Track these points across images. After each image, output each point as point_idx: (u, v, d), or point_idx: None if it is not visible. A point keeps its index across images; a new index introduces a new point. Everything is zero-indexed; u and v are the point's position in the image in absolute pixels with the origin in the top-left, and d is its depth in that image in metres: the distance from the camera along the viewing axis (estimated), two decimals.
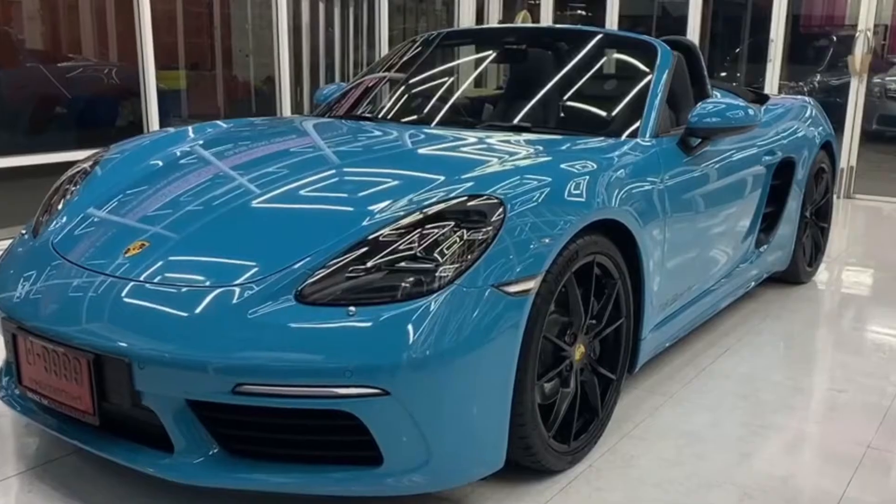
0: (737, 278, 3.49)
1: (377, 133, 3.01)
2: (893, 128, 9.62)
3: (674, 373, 3.01)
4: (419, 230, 2.00)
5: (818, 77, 9.97)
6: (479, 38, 4.09)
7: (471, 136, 2.83)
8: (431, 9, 9.08)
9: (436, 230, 1.99)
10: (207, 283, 1.97)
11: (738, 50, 10.74)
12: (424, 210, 2.06)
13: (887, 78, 9.77)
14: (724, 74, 10.10)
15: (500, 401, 1.97)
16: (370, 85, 3.64)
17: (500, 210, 2.04)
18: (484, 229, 1.99)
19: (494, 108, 3.49)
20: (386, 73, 3.73)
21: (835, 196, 4.89)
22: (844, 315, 3.95)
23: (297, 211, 2.30)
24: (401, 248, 1.96)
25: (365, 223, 2.07)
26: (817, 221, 4.34)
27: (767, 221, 3.74)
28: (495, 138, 2.77)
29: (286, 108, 6.51)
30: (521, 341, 1.98)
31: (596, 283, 2.32)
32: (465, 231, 1.98)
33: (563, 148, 2.66)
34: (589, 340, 2.35)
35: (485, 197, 2.08)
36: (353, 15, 7.90)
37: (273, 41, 6.56)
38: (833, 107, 4.51)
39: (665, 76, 3.03)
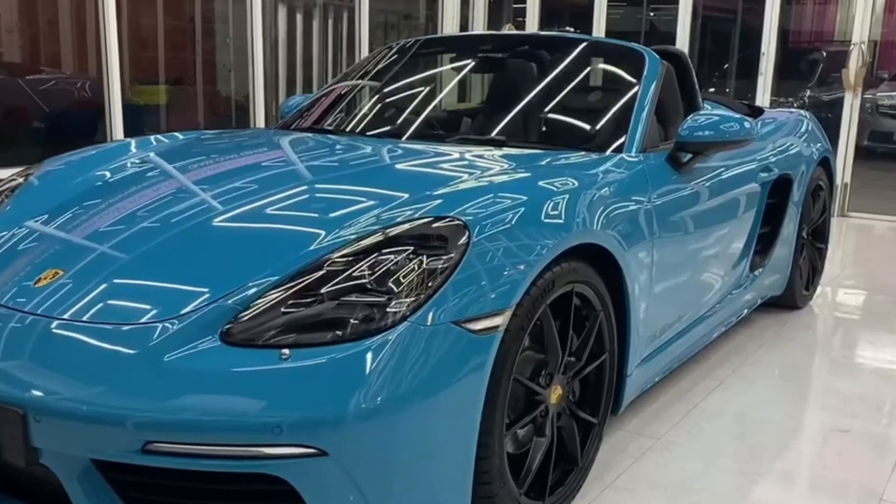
0: (730, 305, 3.24)
1: (342, 147, 2.75)
2: (885, 144, 9.47)
3: (661, 411, 2.75)
4: (374, 255, 1.74)
5: (808, 92, 9.83)
6: (459, 45, 3.83)
7: (444, 151, 2.57)
8: (415, 24, 8.88)
9: (391, 256, 1.73)
10: (118, 321, 1.69)
11: (726, 66, 10.60)
12: (385, 232, 1.80)
13: (878, 94, 9.63)
14: (712, 90, 9.95)
15: (461, 456, 1.70)
16: (340, 94, 3.39)
17: (465, 234, 1.78)
18: (445, 256, 1.73)
19: (473, 121, 3.25)
20: (357, 83, 3.48)
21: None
22: (844, 343, 3.70)
23: (236, 233, 2.03)
24: (351, 276, 1.70)
25: (312, 247, 1.82)
26: (814, 242, 4.10)
27: (762, 243, 3.50)
28: (471, 153, 2.53)
29: (260, 122, 6.28)
30: (486, 387, 1.71)
31: (575, 315, 2.06)
32: (423, 258, 1.72)
33: (543, 163, 2.42)
34: (567, 381, 2.09)
35: (448, 219, 1.83)
36: (334, 29, 7.68)
37: (248, 55, 6.35)
38: (824, 122, 4.34)
39: (653, 86, 2.79)
